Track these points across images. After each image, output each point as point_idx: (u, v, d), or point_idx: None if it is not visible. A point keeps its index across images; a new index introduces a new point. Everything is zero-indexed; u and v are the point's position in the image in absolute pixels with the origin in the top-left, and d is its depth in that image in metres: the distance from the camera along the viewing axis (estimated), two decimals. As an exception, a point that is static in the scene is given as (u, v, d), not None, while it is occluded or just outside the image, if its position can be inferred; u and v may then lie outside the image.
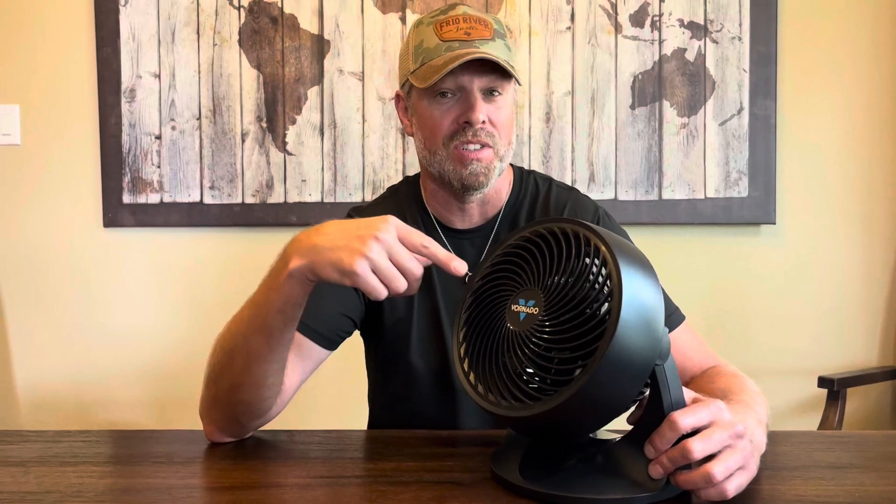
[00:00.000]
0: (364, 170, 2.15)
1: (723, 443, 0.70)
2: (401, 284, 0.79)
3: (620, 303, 0.68)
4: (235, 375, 0.92)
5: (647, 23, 2.11)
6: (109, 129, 2.17)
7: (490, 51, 1.04)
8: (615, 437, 0.80)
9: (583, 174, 2.13)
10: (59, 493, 0.78)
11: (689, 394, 0.77)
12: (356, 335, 1.16)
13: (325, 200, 2.15)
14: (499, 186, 1.14)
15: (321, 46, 2.15)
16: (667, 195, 2.12)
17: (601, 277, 0.71)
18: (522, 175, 1.19)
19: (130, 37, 2.16)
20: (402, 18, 2.13)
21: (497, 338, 0.77)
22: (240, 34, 2.15)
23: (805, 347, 2.15)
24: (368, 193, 2.14)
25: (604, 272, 0.71)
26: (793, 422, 2.13)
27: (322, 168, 2.15)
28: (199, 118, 2.16)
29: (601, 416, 0.73)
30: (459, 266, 0.80)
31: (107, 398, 2.21)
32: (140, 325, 2.21)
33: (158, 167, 2.17)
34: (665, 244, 2.13)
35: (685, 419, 0.70)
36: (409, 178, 1.22)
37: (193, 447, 0.95)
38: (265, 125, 2.16)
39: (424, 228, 1.13)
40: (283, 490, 0.81)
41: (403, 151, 2.14)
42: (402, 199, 1.19)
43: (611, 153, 2.12)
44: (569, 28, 2.12)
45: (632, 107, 2.12)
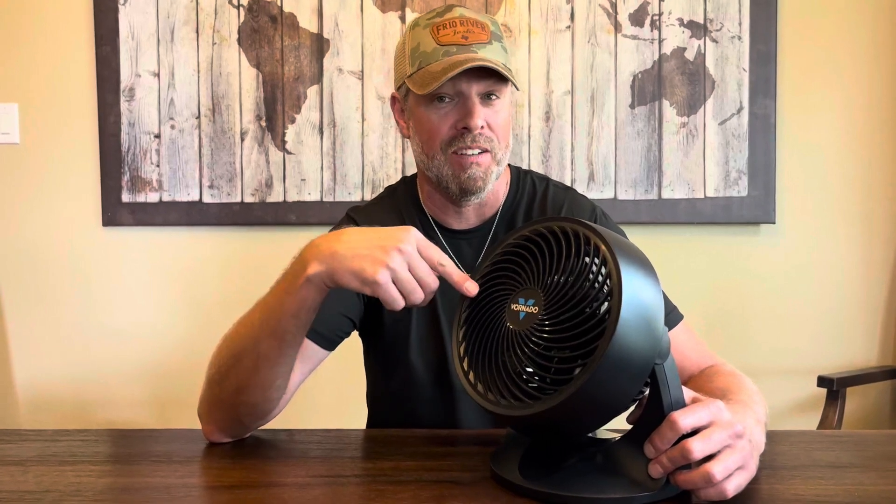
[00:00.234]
0: (363, 169, 2.15)
1: (722, 442, 0.70)
2: (418, 297, 0.81)
3: (620, 302, 0.68)
4: (242, 377, 0.92)
5: (647, 22, 2.11)
6: (108, 128, 2.17)
7: (487, 55, 1.03)
8: (615, 437, 0.80)
9: (582, 173, 2.12)
10: (58, 493, 0.78)
11: (689, 393, 0.77)
12: (354, 335, 1.16)
13: (325, 199, 2.15)
14: (496, 187, 1.13)
15: (320, 45, 2.15)
16: (666, 194, 2.12)
17: (601, 276, 0.71)
18: (520, 175, 1.19)
19: (130, 35, 2.16)
20: (402, 17, 2.12)
21: (497, 337, 0.77)
22: (239, 33, 2.15)
23: (804, 347, 2.15)
24: (368, 192, 2.14)
25: (603, 271, 0.71)
26: (792, 421, 2.13)
27: (321, 167, 2.15)
28: (199, 117, 2.16)
29: (601, 416, 0.73)
30: (472, 287, 0.81)
31: (106, 397, 2.21)
32: (139, 324, 2.21)
33: (158, 166, 2.17)
34: (664, 244, 2.13)
35: (685, 419, 0.70)
36: (407, 179, 1.22)
37: (192, 446, 0.95)
38: (264, 124, 2.16)
39: (422, 229, 1.13)
40: (282, 489, 0.81)
41: (403, 150, 2.14)
42: (400, 200, 1.19)
43: (610, 152, 2.12)
44: (568, 27, 2.12)
45: (631, 106, 2.12)
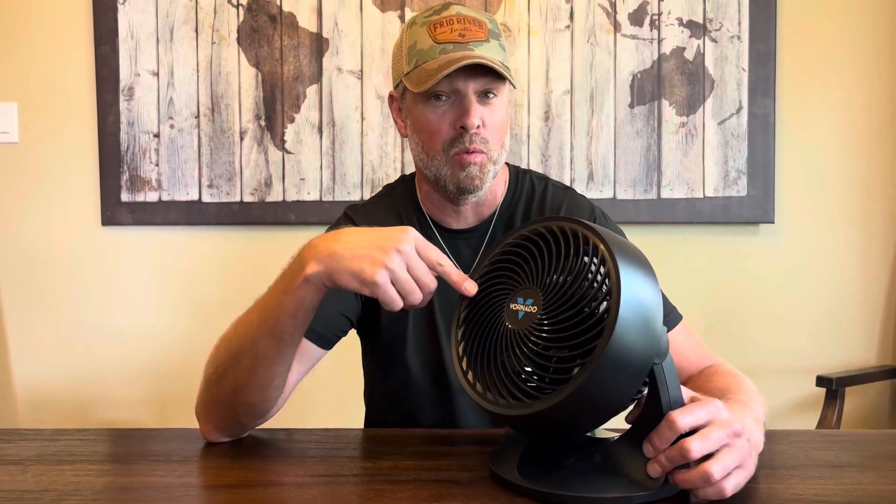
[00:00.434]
0: (363, 168, 2.15)
1: (721, 442, 0.70)
2: (417, 297, 0.81)
3: (619, 301, 0.68)
4: (240, 377, 0.92)
5: (646, 22, 2.11)
6: (108, 128, 2.17)
7: (485, 52, 1.03)
8: (613, 436, 0.80)
9: (581, 173, 2.12)
10: (57, 492, 0.78)
11: (688, 393, 0.77)
12: (352, 333, 1.16)
13: (324, 199, 2.15)
14: (494, 187, 1.13)
15: (320, 45, 2.14)
16: (665, 194, 2.12)
17: (600, 276, 0.71)
18: (518, 175, 1.19)
19: (129, 35, 2.16)
20: (401, 17, 2.12)
21: (495, 336, 0.77)
22: (238, 32, 2.15)
23: (803, 346, 2.15)
24: (367, 192, 2.14)
25: (602, 271, 0.71)
26: (791, 421, 2.13)
27: (321, 166, 2.15)
28: (198, 116, 2.16)
29: (599, 415, 0.73)
30: (470, 287, 0.81)
31: (105, 396, 2.21)
32: (138, 324, 2.21)
33: (157, 165, 2.17)
34: (664, 243, 2.13)
35: (683, 418, 0.70)
36: (405, 177, 1.22)
37: (191, 445, 0.95)
38: (264, 123, 2.15)
39: (420, 228, 1.13)
40: (281, 488, 0.80)
41: (402, 150, 2.14)
42: (398, 199, 1.18)
43: (609, 152, 2.12)
44: (568, 27, 2.12)
45: (631, 106, 2.12)
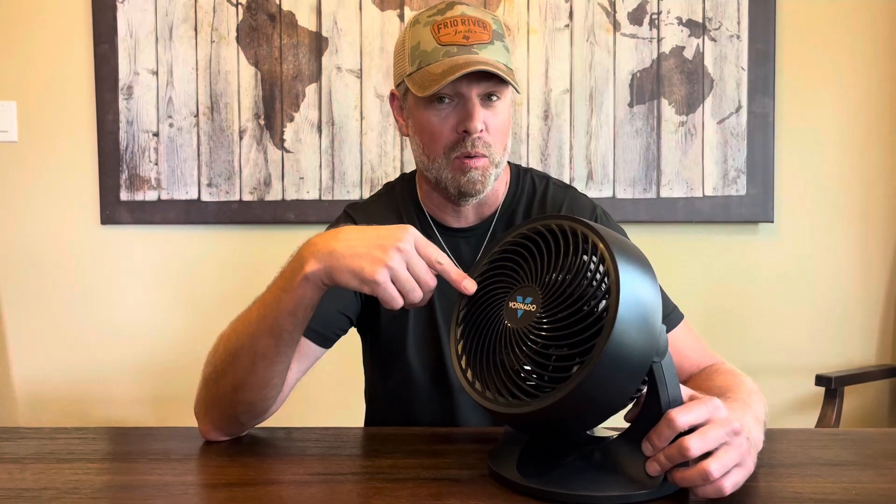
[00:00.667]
0: (362, 167, 2.15)
1: (719, 440, 0.70)
2: (417, 296, 0.81)
3: (618, 300, 0.68)
4: (239, 375, 0.92)
5: (646, 21, 2.11)
6: (107, 126, 2.17)
7: (489, 55, 1.03)
8: (613, 435, 0.81)
9: (581, 172, 2.12)
10: (56, 490, 0.78)
11: (687, 391, 0.77)
12: (352, 332, 1.16)
13: (323, 198, 2.15)
14: (495, 186, 1.13)
15: (319, 44, 2.14)
16: (665, 193, 2.12)
17: (599, 274, 0.71)
18: (519, 173, 1.19)
19: (128, 34, 2.16)
20: (401, 16, 2.12)
21: (495, 335, 0.77)
22: (237, 31, 2.15)
23: (803, 345, 2.15)
24: (366, 191, 2.14)
25: (601, 269, 0.71)
26: (790, 419, 2.13)
27: (320, 165, 2.15)
28: (197, 115, 2.16)
29: (599, 414, 0.73)
30: (469, 286, 0.81)
31: (104, 395, 2.21)
32: (138, 323, 2.21)
33: (156, 164, 2.17)
34: (663, 242, 2.13)
35: (682, 417, 0.70)
36: (405, 176, 1.22)
37: (190, 444, 0.95)
38: (263, 122, 2.15)
39: (420, 227, 1.13)
40: (280, 487, 0.81)
41: (401, 149, 2.14)
42: (398, 198, 1.18)
43: (609, 151, 2.12)
44: (567, 26, 2.12)
45: (630, 105, 2.12)
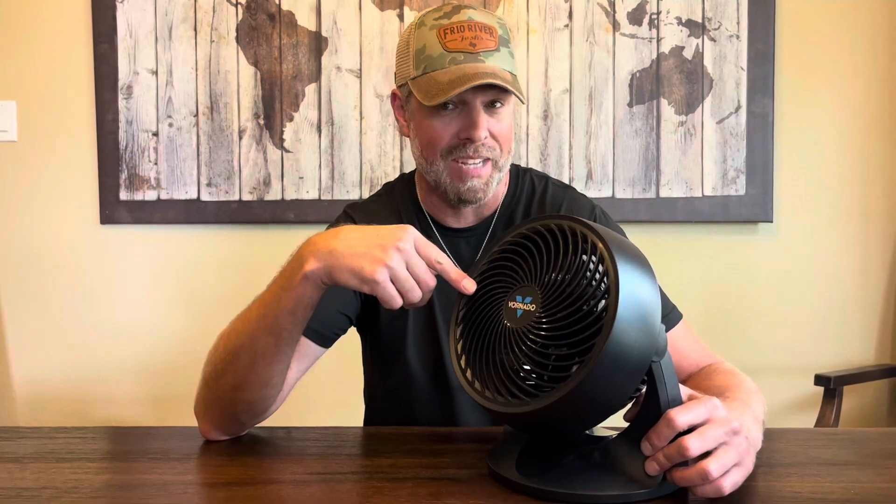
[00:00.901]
0: (361, 167, 2.15)
1: (718, 440, 0.71)
2: (416, 295, 0.81)
3: (617, 300, 0.68)
4: (239, 374, 0.92)
5: (645, 21, 2.11)
6: (106, 126, 2.17)
7: (495, 63, 1.02)
8: (612, 434, 0.81)
9: (580, 172, 2.12)
10: (55, 489, 0.78)
11: (686, 391, 0.77)
12: (351, 332, 1.16)
13: (323, 198, 2.15)
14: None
15: (319, 43, 2.14)
16: (664, 193, 2.12)
17: (598, 274, 0.71)
18: (519, 173, 1.19)
19: (127, 33, 2.16)
20: (400, 15, 2.12)
21: (494, 335, 0.77)
22: (237, 31, 2.15)
23: (802, 345, 2.15)
24: (366, 191, 2.14)
25: (601, 269, 0.71)
26: (789, 419, 2.13)
27: (319, 165, 2.15)
28: (197, 115, 2.16)
29: (598, 413, 0.73)
30: (469, 285, 0.81)
31: (103, 394, 2.21)
32: (137, 322, 2.21)
33: (155, 164, 2.17)
34: (662, 242, 2.13)
35: (682, 416, 0.70)
36: (405, 176, 1.22)
37: (189, 443, 0.95)
38: (262, 122, 2.15)
39: (420, 227, 1.13)
40: (280, 486, 0.81)
41: (401, 149, 2.14)
42: (398, 197, 1.18)
43: (608, 151, 2.12)
44: (567, 26, 2.12)
45: (629, 105, 2.12)
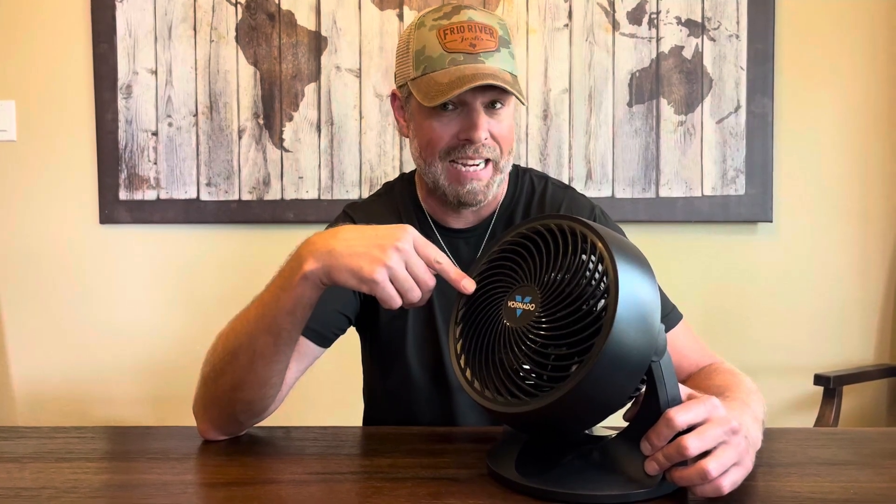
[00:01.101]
0: (361, 167, 2.14)
1: (718, 439, 0.71)
2: (416, 295, 0.81)
3: (617, 299, 0.68)
4: (238, 374, 0.92)
5: (645, 20, 2.11)
6: (106, 126, 2.17)
7: (495, 64, 1.02)
8: (611, 434, 0.81)
9: (580, 172, 2.12)
10: (55, 489, 0.78)
11: (685, 391, 0.77)
12: (350, 332, 1.16)
13: (322, 197, 2.15)
14: None
15: (318, 43, 2.14)
16: (664, 193, 2.12)
17: (598, 274, 0.71)
18: (518, 174, 1.19)
19: (127, 33, 2.15)
20: (400, 15, 2.12)
21: (493, 334, 0.77)
22: (237, 31, 2.15)
23: (801, 345, 2.16)
24: (365, 190, 2.14)
25: (600, 269, 0.71)
26: (789, 419, 2.13)
27: (319, 165, 2.15)
28: (196, 115, 2.16)
29: (597, 413, 0.73)
30: (468, 285, 0.81)
31: (103, 394, 2.21)
32: (137, 322, 2.21)
33: (155, 164, 2.17)
34: (662, 242, 2.13)
35: (681, 416, 0.71)
36: (405, 175, 1.21)
37: (189, 443, 0.95)
38: (262, 122, 2.15)
39: (419, 227, 1.12)
40: (279, 486, 0.81)
41: (400, 148, 2.14)
42: (398, 197, 1.18)
43: (608, 151, 2.12)
44: (566, 25, 2.12)
45: (629, 104, 2.12)
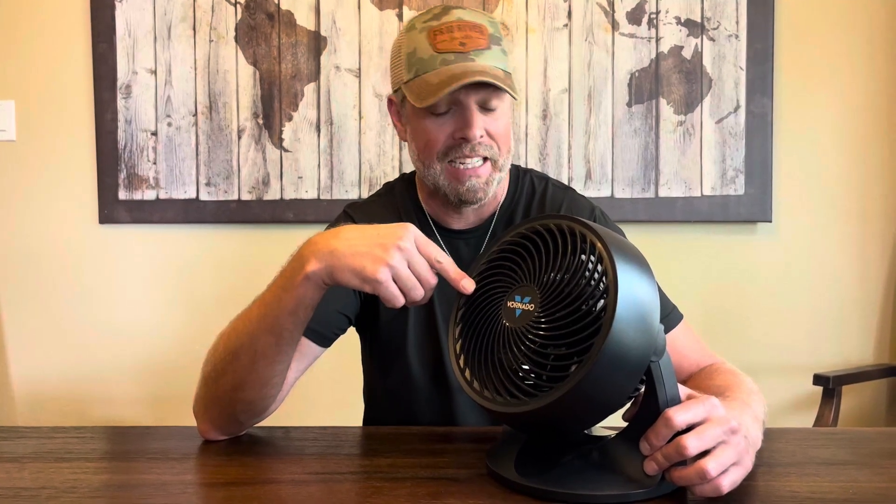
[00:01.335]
0: (360, 167, 2.14)
1: (717, 439, 0.71)
2: (418, 294, 0.81)
3: (616, 299, 0.68)
4: (239, 374, 0.92)
5: (644, 20, 2.11)
6: (105, 126, 2.17)
7: (486, 61, 1.02)
8: (611, 434, 0.81)
9: (579, 172, 2.13)
10: (54, 489, 0.78)
11: (684, 391, 0.77)
12: (350, 332, 1.16)
13: (322, 197, 2.15)
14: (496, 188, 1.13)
15: (318, 43, 2.14)
16: (663, 193, 2.12)
17: (597, 274, 0.71)
18: (519, 174, 1.19)
19: (126, 33, 2.15)
20: (399, 15, 2.12)
21: (493, 334, 0.77)
22: (236, 30, 2.15)
23: (801, 345, 2.16)
24: (365, 190, 2.14)
25: (599, 269, 0.71)
26: (788, 419, 2.13)
27: (318, 165, 2.15)
28: (196, 114, 2.16)
29: (597, 413, 0.73)
30: (468, 285, 0.81)
31: (102, 394, 2.21)
32: (136, 322, 2.21)
33: (154, 163, 2.16)
34: (661, 242, 2.13)
35: (680, 416, 0.71)
36: (405, 176, 1.22)
37: (188, 443, 0.95)
38: (261, 122, 2.15)
39: (420, 227, 1.12)
40: (279, 486, 0.81)
41: (400, 148, 2.14)
42: (398, 198, 1.18)
43: (607, 151, 2.12)
44: (566, 25, 2.12)
45: (629, 104, 2.12)
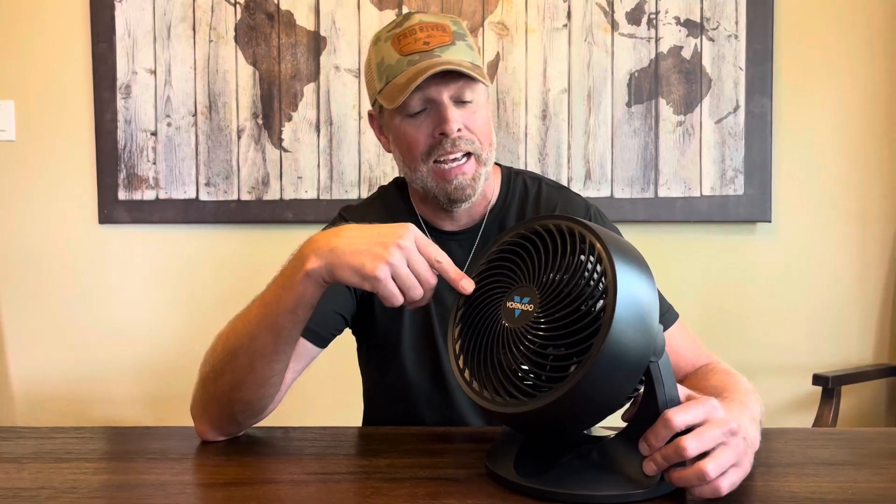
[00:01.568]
0: (360, 167, 2.15)
1: (716, 440, 0.71)
2: (417, 293, 0.81)
3: (615, 299, 0.68)
4: (238, 374, 0.92)
5: (644, 20, 2.11)
6: (105, 126, 2.17)
7: (451, 56, 1.02)
8: (610, 434, 0.81)
9: (579, 172, 2.13)
10: (53, 489, 0.78)
11: (683, 391, 0.77)
12: (347, 332, 1.16)
13: (321, 197, 2.15)
14: (485, 188, 1.13)
15: (317, 43, 2.14)
16: (663, 193, 2.12)
17: (596, 274, 0.71)
18: (511, 176, 1.19)
19: (126, 33, 2.15)
20: (399, 14, 2.12)
21: (492, 335, 0.77)
22: (236, 30, 2.15)
23: (800, 345, 2.16)
24: (364, 190, 2.14)
25: (598, 269, 0.71)
26: (787, 419, 2.13)
27: (318, 165, 2.15)
28: (195, 115, 2.16)
29: (596, 413, 0.73)
30: (467, 285, 0.81)
31: (102, 394, 2.21)
32: (135, 322, 2.21)
33: (154, 164, 2.16)
34: (661, 242, 2.13)
35: (679, 417, 0.71)
36: (398, 180, 1.22)
37: (188, 443, 0.95)
38: (261, 122, 2.15)
39: None
40: (278, 486, 0.81)
41: (400, 148, 2.13)
42: (392, 201, 1.18)
43: (607, 151, 2.12)
44: (565, 25, 2.12)
45: (628, 104, 2.12)
